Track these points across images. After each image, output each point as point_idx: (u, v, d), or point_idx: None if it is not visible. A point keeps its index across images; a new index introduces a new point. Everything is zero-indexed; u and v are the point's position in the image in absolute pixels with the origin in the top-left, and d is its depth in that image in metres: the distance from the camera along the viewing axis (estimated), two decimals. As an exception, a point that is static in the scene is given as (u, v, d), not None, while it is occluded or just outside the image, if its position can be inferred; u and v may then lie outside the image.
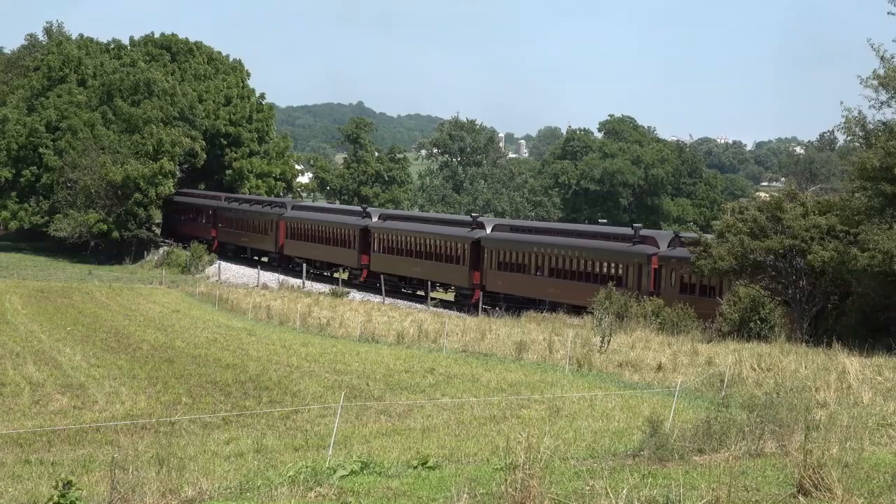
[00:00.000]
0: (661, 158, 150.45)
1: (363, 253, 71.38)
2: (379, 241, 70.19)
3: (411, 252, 66.91)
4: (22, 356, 33.67)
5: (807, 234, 38.20)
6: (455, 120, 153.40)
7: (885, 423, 18.32)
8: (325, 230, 76.44)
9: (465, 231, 63.52)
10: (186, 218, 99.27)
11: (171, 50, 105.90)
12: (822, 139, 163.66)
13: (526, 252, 58.11)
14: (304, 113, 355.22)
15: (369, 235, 71.20)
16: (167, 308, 55.03)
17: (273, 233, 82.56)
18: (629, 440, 16.60)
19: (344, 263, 75.02)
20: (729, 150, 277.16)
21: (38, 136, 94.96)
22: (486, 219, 70.11)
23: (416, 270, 66.31)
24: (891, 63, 36.65)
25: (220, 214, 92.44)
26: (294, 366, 32.01)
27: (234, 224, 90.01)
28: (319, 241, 76.83)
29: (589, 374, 29.20)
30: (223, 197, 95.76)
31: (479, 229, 62.87)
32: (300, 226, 79.54)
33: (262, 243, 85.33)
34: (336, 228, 75.06)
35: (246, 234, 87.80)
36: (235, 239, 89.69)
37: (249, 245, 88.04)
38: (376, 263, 69.95)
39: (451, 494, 11.14)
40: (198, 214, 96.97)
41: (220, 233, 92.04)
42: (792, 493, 11.41)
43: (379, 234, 70.41)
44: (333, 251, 75.37)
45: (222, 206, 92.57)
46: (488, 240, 61.23)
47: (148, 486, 11.31)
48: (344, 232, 74.04)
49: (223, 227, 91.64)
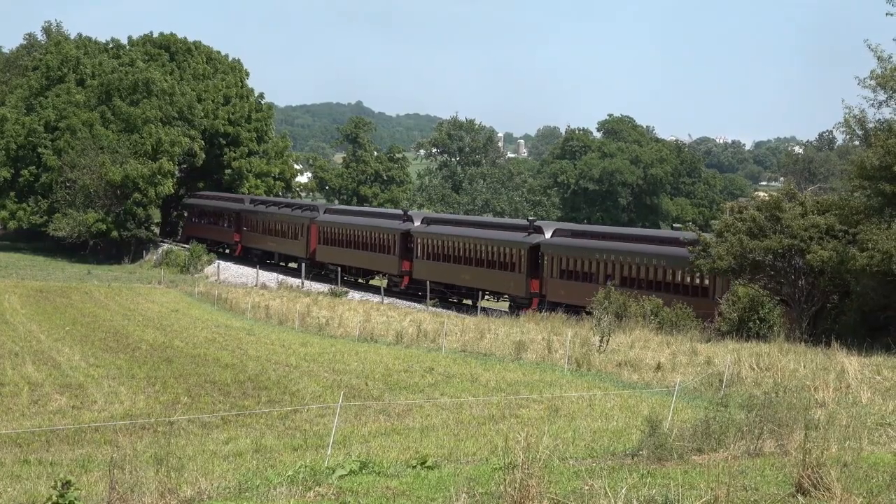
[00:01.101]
0: (660, 158, 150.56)
1: (404, 259, 67.55)
2: (423, 247, 66.11)
3: (459, 258, 62.64)
4: (21, 356, 33.67)
5: (806, 233, 38.19)
6: (454, 119, 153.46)
7: (884, 423, 18.31)
8: (361, 235, 72.17)
9: (521, 236, 59.24)
10: (206, 221, 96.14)
11: (170, 49, 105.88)
12: (821, 139, 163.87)
13: (593, 259, 52.81)
14: (303, 112, 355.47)
15: (411, 240, 67.28)
16: (166, 308, 55.04)
17: (304, 237, 78.59)
18: (628, 440, 16.60)
19: (383, 270, 71.24)
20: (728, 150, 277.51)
21: (37, 135, 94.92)
22: (545, 222, 65.19)
23: (466, 278, 61.94)
24: (889, 63, 36.64)
25: (244, 218, 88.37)
26: (293, 365, 32.01)
27: (259, 228, 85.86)
28: (355, 247, 72.69)
29: (588, 373, 29.20)
30: (248, 199, 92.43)
31: (538, 234, 58.33)
32: (334, 230, 75.52)
33: (291, 248, 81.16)
34: (374, 233, 71.04)
35: (273, 238, 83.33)
36: (261, 244, 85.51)
37: (277, 250, 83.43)
38: (419, 270, 66.12)
39: (450, 494, 11.14)
40: (219, 217, 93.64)
41: (244, 237, 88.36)
42: (791, 492, 11.41)
43: (423, 238, 66.32)
44: (371, 257, 71.37)
45: (247, 209, 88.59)
46: (549, 245, 56.42)
47: (147, 485, 11.31)
48: (383, 236, 70.05)
49: (248, 231, 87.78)
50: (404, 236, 67.79)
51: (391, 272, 69.53)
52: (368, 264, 72.25)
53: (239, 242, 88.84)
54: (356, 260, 72.90)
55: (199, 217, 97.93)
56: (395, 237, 68.51)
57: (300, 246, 79.15)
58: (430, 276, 63.95)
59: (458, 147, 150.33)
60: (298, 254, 79.62)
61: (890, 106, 37.12)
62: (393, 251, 68.50)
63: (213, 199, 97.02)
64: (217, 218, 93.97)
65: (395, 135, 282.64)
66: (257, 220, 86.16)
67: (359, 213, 79.94)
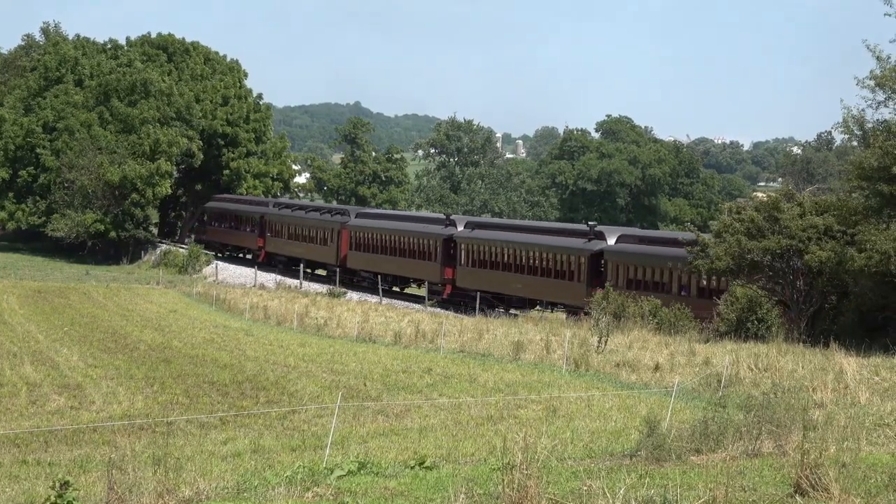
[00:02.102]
0: (659, 158, 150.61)
1: (447, 266, 63.56)
2: (468, 253, 61.95)
3: (509, 266, 58.62)
4: (19, 356, 33.66)
5: (804, 234, 38.20)
6: (452, 120, 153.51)
7: (882, 423, 18.33)
8: (398, 240, 68.13)
9: (581, 242, 55.01)
10: (227, 226, 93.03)
11: (168, 50, 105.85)
12: (819, 139, 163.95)
13: (665, 268, 48.66)
14: (302, 113, 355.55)
15: (455, 246, 63.29)
16: (164, 308, 55.03)
17: (334, 243, 74.77)
18: (626, 440, 16.61)
19: (422, 278, 67.12)
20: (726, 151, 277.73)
21: (35, 136, 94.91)
22: (607, 227, 59.50)
23: (517, 287, 57.77)
24: (888, 63, 36.64)
25: (268, 222, 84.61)
26: (291, 366, 32.02)
27: (285, 233, 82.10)
28: (391, 253, 68.59)
29: (586, 374, 29.20)
30: (272, 203, 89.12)
31: (599, 240, 54.26)
32: (368, 235, 71.34)
33: (319, 255, 77.32)
34: (412, 238, 67.09)
35: (300, 244, 79.68)
36: (287, 249, 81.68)
37: (304, 256, 78.57)
38: (463, 278, 62.19)
39: (449, 494, 11.14)
40: (240, 222, 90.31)
41: (268, 242, 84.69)
42: (789, 493, 11.41)
43: (468, 244, 62.15)
44: (409, 264, 67.23)
45: (271, 213, 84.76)
46: (613, 252, 52.23)
47: (145, 486, 11.30)
48: (423, 242, 66.06)
49: (272, 236, 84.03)
50: (447, 242, 64.01)
51: (432, 280, 65.38)
52: (406, 271, 68.39)
53: (262, 248, 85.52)
54: (392, 267, 68.83)
55: (219, 221, 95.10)
56: (436, 243, 64.65)
57: (330, 252, 75.69)
58: (475, 285, 60.35)
59: (457, 147, 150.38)
60: (328, 260, 76.40)
61: (889, 106, 37.09)
62: (434, 258, 64.76)
63: (234, 203, 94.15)
64: (239, 222, 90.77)
65: (393, 135, 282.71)
66: (283, 225, 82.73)
67: (395, 218, 76.22)
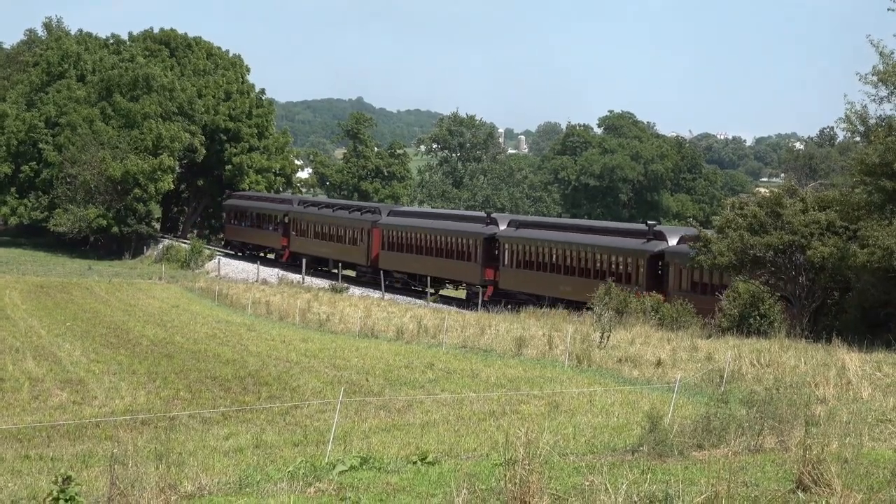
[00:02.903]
0: (661, 154, 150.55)
1: (488, 266, 60.33)
2: (511, 253, 58.65)
3: (559, 267, 55.05)
4: (21, 351, 33.68)
5: (806, 229, 38.20)
6: (455, 115, 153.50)
7: (885, 419, 18.32)
8: (435, 239, 65.10)
9: (638, 242, 51.33)
10: (248, 224, 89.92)
11: (170, 45, 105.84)
12: (821, 135, 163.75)
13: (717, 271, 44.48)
14: (304, 108, 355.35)
15: (497, 246, 60.05)
16: (167, 303, 55.06)
17: (364, 243, 71.78)
18: (628, 436, 16.61)
19: (460, 279, 64.44)
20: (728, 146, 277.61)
21: (38, 131, 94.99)
22: (668, 227, 55.83)
23: (567, 290, 53.51)
24: (890, 59, 36.60)
25: (293, 221, 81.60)
26: (293, 361, 32.03)
27: (311, 232, 79.13)
28: (426, 253, 65.70)
29: (588, 369, 29.18)
30: (297, 200, 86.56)
31: (659, 240, 50.26)
32: (401, 234, 68.35)
33: (348, 255, 74.18)
34: (450, 237, 63.86)
35: (327, 243, 76.67)
36: (313, 249, 78.36)
37: (332, 257, 76.15)
38: (507, 280, 58.96)
39: (451, 490, 11.13)
40: (263, 220, 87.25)
41: (292, 242, 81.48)
42: (791, 488, 11.41)
43: (512, 244, 58.79)
44: (446, 264, 64.17)
45: (296, 212, 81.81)
46: (675, 254, 48.19)
47: (147, 481, 11.30)
48: (462, 241, 62.86)
49: (297, 235, 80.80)
50: (488, 241, 60.61)
51: (471, 281, 62.54)
52: (443, 272, 65.02)
53: (287, 248, 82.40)
54: (427, 267, 65.50)
55: (239, 220, 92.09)
56: (476, 242, 61.36)
57: (360, 252, 72.71)
58: (520, 287, 57.42)
59: (459, 143, 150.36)
60: (358, 260, 73.52)
61: (891, 102, 37.08)
62: (474, 258, 61.53)
63: (256, 201, 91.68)
64: (261, 221, 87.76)
65: (395, 131, 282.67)
66: (308, 224, 79.72)
67: (430, 216, 72.98)
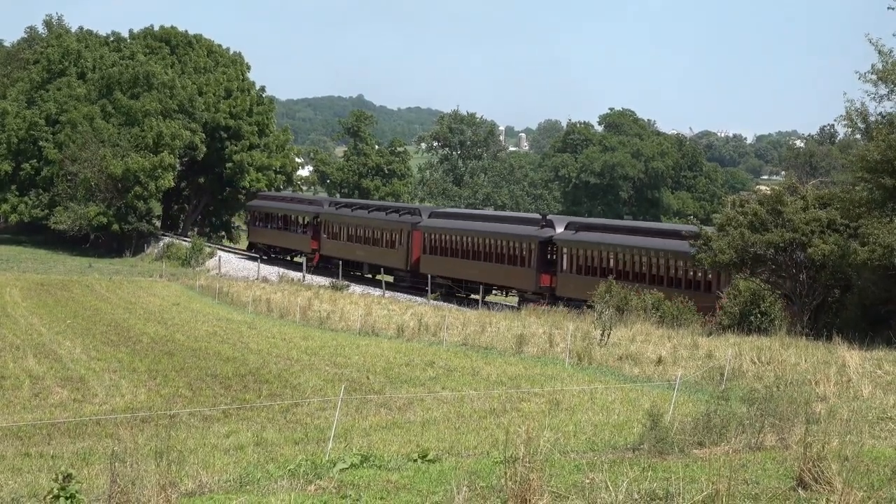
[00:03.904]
0: (662, 152, 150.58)
1: (543, 272, 56.46)
2: (571, 258, 55.01)
3: (627, 273, 50.68)
4: (22, 349, 33.70)
5: (807, 227, 38.18)
6: (455, 113, 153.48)
7: (885, 417, 18.33)
8: (482, 243, 61.77)
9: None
10: (274, 226, 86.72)
11: (171, 43, 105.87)
12: (822, 132, 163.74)
13: None
14: (305, 106, 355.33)
15: (554, 250, 56.54)
16: (167, 301, 55.06)
17: (404, 246, 68.18)
18: (629, 433, 16.61)
19: (511, 285, 60.82)
20: (729, 144, 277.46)
21: (38, 129, 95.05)
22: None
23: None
24: (890, 57, 36.57)
25: (323, 222, 78.25)
26: (294, 359, 32.03)
27: (344, 234, 75.64)
28: (473, 257, 62.21)
29: (589, 367, 29.19)
30: (328, 202, 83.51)
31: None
32: (445, 237, 64.91)
33: (386, 258, 70.23)
34: (501, 241, 60.23)
35: (362, 247, 72.97)
36: (346, 253, 74.86)
37: (367, 261, 72.62)
38: (566, 286, 54.99)
39: (451, 488, 11.13)
40: (291, 222, 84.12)
41: (323, 245, 78.12)
42: (792, 486, 11.41)
43: (571, 248, 55.02)
44: (495, 269, 60.60)
45: (327, 213, 78.39)
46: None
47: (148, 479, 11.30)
48: (514, 245, 59.09)
49: (328, 238, 77.53)
50: (544, 245, 57.12)
51: (524, 288, 58.94)
52: (492, 278, 61.43)
53: (317, 251, 78.73)
54: (474, 273, 62.20)
55: (265, 222, 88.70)
56: (531, 246, 57.65)
57: (399, 256, 68.94)
58: (583, 295, 50.41)
59: (460, 141, 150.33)
60: (396, 265, 69.51)
61: (891, 100, 37.05)
62: (528, 263, 57.66)
63: (283, 202, 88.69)
64: (288, 222, 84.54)
65: (396, 128, 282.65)
66: (341, 226, 76.27)
67: (477, 217, 68.75)
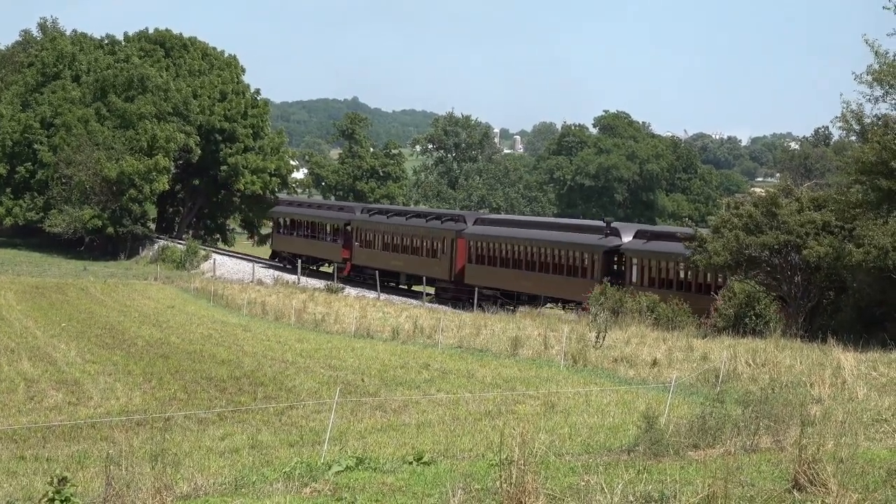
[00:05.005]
0: (656, 154, 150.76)
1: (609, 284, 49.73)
2: (642, 269, 50.33)
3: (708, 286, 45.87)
4: (16, 352, 33.62)
5: (802, 229, 38.25)
6: (450, 115, 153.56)
7: (880, 419, 18.36)
8: (537, 252, 57.45)
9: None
10: (301, 233, 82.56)
11: (165, 45, 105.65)
12: (816, 134, 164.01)
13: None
14: (299, 108, 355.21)
15: (622, 260, 52.28)
16: (162, 304, 54.98)
17: (447, 255, 64.19)
18: (624, 435, 16.62)
19: (570, 298, 53.86)
20: (724, 146, 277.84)
21: (33, 132, 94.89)
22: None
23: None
24: (885, 58, 36.66)
25: (356, 230, 73.96)
26: (289, 361, 32.00)
27: (378, 243, 71.58)
28: (527, 267, 58.03)
29: (584, 369, 29.19)
30: (360, 208, 79.26)
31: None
32: (493, 246, 60.81)
33: (426, 268, 66.04)
34: (559, 250, 56.09)
35: (399, 256, 68.98)
36: (381, 262, 70.48)
37: (405, 270, 68.68)
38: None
39: (446, 490, 11.13)
40: (319, 230, 80.00)
41: (355, 254, 73.88)
42: (787, 488, 11.42)
43: (643, 259, 50.79)
44: (552, 281, 56.24)
45: (360, 220, 74.49)
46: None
47: (143, 481, 11.29)
48: (573, 255, 55.00)
49: (361, 246, 73.37)
50: (608, 255, 52.81)
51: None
52: (547, 289, 56.97)
53: (348, 260, 74.39)
54: (527, 284, 57.82)
55: (290, 229, 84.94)
56: (594, 256, 53.29)
57: (441, 265, 64.88)
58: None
59: (454, 143, 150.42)
60: (437, 275, 65.13)
61: (887, 101, 37.19)
62: (590, 274, 52.85)
63: (311, 208, 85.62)
64: (317, 230, 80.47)
65: (391, 131, 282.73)
66: (375, 233, 72.30)
67: (529, 225, 63.96)
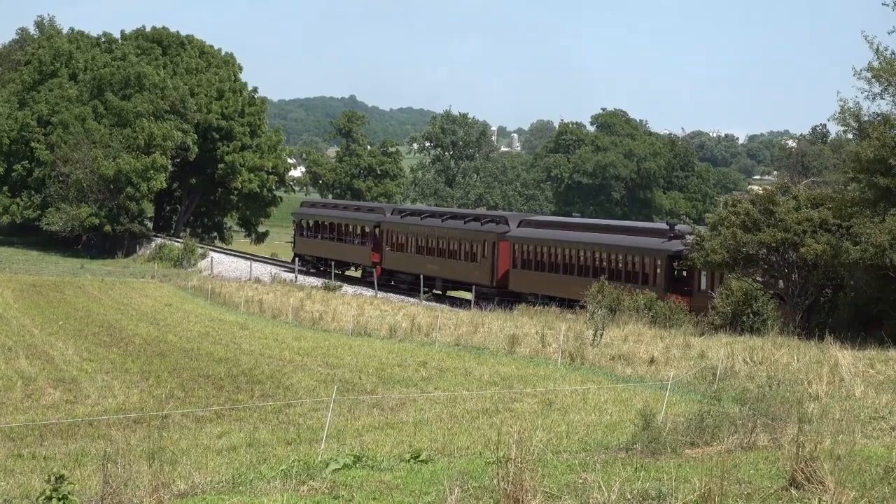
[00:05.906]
0: (654, 152, 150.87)
1: (672, 292, 46.79)
2: (711, 274, 45.56)
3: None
4: (14, 350, 33.59)
5: (799, 227, 38.28)
6: (447, 114, 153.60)
7: (877, 416, 18.38)
8: (590, 257, 53.79)
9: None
10: (326, 236, 77.95)
11: (163, 43, 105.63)
12: (814, 132, 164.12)
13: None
14: (297, 107, 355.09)
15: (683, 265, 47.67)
16: (159, 302, 54.95)
17: (488, 259, 60.47)
18: (622, 433, 16.62)
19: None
20: (721, 144, 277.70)
21: (30, 130, 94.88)
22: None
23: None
24: (884, 55, 36.68)
25: (386, 232, 70.34)
26: (286, 359, 31.99)
27: (412, 246, 68.13)
28: (578, 273, 53.79)
29: (581, 367, 29.20)
30: (390, 209, 75.91)
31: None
32: (540, 249, 56.76)
33: (465, 273, 62.37)
34: (614, 254, 52.05)
35: (435, 259, 65.37)
36: (415, 266, 66.85)
37: (440, 275, 64.78)
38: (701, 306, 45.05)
39: (444, 488, 11.13)
40: (346, 232, 75.74)
41: (386, 257, 70.13)
42: (784, 485, 11.42)
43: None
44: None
45: (390, 222, 70.78)
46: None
47: (140, 480, 11.29)
48: (632, 260, 50.84)
49: (392, 250, 69.71)
50: (670, 260, 48.70)
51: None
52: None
53: (378, 264, 70.33)
54: (580, 291, 48.88)
55: (314, 231, 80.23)
56: (656, 261, 49.34)
57: (482, 270, 61.08)
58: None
59: (452, 141, 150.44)
60: (479, 280, 61.01)
61: (885, 98, 37.19)
62: (652, 280, 49.01)
63: (336, 209, 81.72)
64: (343, 232, 76.15)
65: (388, 129, 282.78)
66: (408, 236, 68.61)
67: (581, 227, 59.19)
